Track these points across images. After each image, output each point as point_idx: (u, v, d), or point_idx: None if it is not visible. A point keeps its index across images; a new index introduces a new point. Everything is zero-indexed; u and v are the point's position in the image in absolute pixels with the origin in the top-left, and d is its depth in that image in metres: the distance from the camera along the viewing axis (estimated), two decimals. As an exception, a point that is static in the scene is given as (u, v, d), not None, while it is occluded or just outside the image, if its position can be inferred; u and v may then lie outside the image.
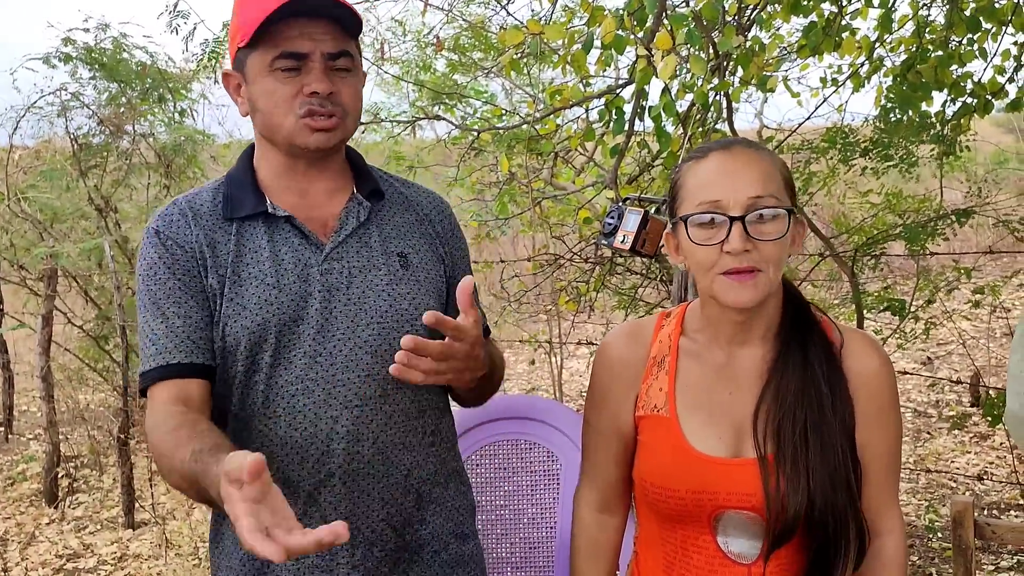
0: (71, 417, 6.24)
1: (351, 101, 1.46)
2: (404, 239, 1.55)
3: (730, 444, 1.36)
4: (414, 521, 1.51)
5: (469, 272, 1.64)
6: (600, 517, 1.54)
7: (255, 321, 1.42)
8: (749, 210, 1.30)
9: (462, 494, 1.63)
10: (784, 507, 1.29)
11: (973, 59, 3.63)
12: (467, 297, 1.30)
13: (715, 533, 1.36)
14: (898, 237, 3.42)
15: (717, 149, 1.38)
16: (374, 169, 1.62)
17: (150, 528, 4.71)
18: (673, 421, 1.39)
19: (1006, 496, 4.40)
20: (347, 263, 1.47)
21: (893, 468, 1.40)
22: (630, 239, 2.74)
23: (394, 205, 1.58)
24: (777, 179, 1.35)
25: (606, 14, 2.79)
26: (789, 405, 1.32)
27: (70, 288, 6.00)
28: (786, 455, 1.30)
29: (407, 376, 1.26)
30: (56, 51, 5.75)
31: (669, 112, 2.90)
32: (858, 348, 1.38)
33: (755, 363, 1.40)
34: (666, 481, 1.37)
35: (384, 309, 1.47)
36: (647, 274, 4.04)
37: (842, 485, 1.31)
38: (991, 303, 4.99)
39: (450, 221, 1.64)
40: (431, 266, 1.56)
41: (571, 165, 4.17)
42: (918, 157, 3.39)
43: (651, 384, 1.44)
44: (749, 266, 1.30)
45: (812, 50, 3.42)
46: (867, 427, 1.36)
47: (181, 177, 6.24)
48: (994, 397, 3.39)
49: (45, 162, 6.19)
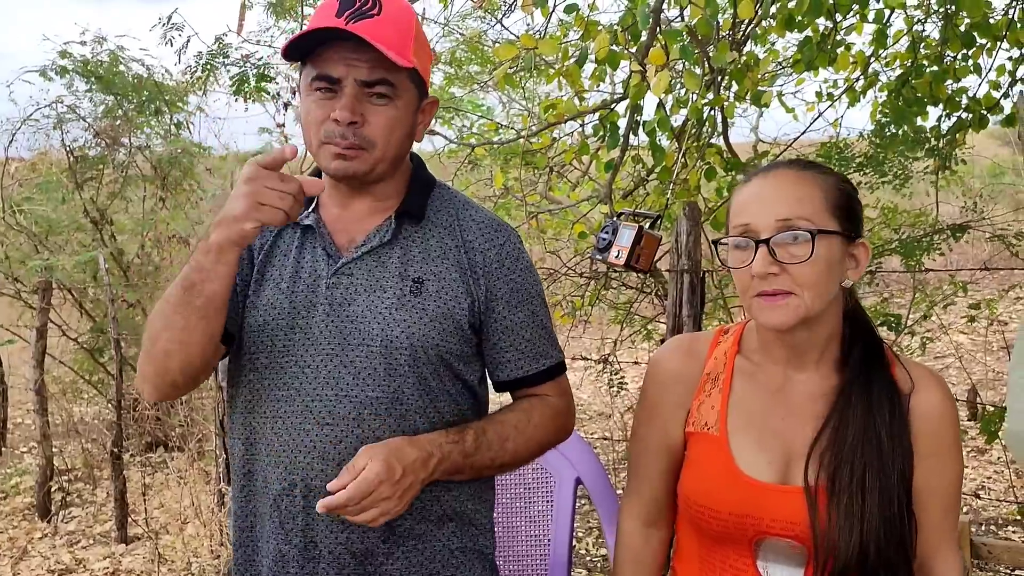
0: (65, 430, 6.21)
1: (381, 131, 1.42)
2: (429, 264, 1.48)
3: (779, 470, 1.34)
4: (378, 554, 1.46)
5: (518, 309, 1.51)
6: (645, 530, 1.54)
7: (259, 321, 1.48)
8: (776, 233, 1.30)
9: (466, 537, 1.53)
10: (835, 546, 1.27)
11: (968, 74, 3.64)
12: (349, 474, 1.32)
13: (755, 557, 1.35)
14: (894, 252, 3.41)
15: (759, 173, 1.38)
16: (443, 188, 1.57)
17: (143, 543, 4.68)
18: (723, 441, 1.38)
19: (1003, 512, 4.38)
20: (355, 280, 1.46)
21: (951, 508, 1.37)
22: (624, 254, 2.74)
23: (435, 228, 1.51)
24: (815, 200, 1.32)
25: (600, 29, 2.79)
26: (848, 449, 1.30)
27: (65, 301, 5.98)
28: (841, 496, 1.28)
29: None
30: (53, 64, 5.76)
31: (664, 127, 2.90)
32: (924, 389, 1.35)
33: (812, 391, 1.38)
34: (710, 501, 1.36)
35: (375, 332, 1.44)
36: (642, 288, 4.03)
37: (895, 533, 1.29)
38: (988, 317, 4.99)
39: (500, 253, 1.51)
40: (450, 297, 1.47)
41: (566, 179, 4.17)
42: (912, 173, 3.38)
43: (703, 401, 1.43)
44: (777, 289, 1.29)
45: (807, 65, 3.42)
46: (928, 468, 1.34)
47: (177, 190, 6.24)
48: (991, 413, 3.38)
49: (41, 174, 6.19)
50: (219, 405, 4.08)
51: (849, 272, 1.34)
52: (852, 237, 1.34)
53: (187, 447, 4.87)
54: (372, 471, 1.32)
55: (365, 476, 1.31)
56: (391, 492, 1.34)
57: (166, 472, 5.60)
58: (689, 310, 2.78)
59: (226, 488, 4.02)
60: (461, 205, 1.56)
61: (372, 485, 1.31)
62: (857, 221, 1.37)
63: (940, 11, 3.57)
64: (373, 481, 1.31)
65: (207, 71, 4.22)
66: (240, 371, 1.52)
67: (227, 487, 4.02)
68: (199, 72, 4.37)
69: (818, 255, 1.29)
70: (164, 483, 5.36)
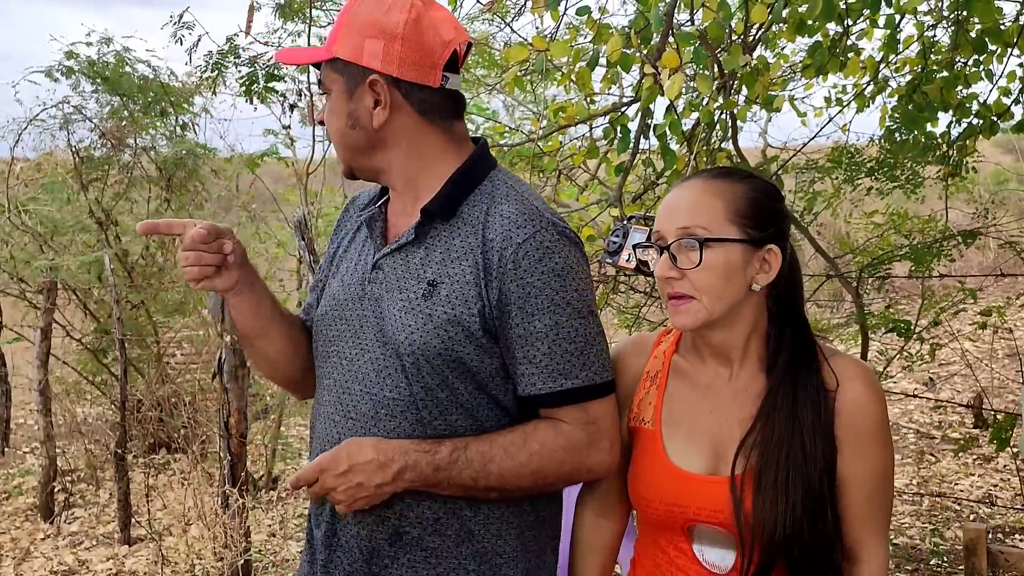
0: (68, 431, 6.20)
1: (328, 124, 1.49)
2: (447, 266, 1.39)
3: (707, 462, 1.41)
4: (383, 556, 1.44)
5: (536, 318, 1.36)
6: (596, 520, 1.59)
7: (322, 311, 1.54)
8: (676, 240, 1.37)
9: (485, 566, 1.43)
10: (760, 534, 1.34)
11: (979, 80, 3.62)
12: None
13: (691, 542, 1.43)
14: (904, 258, 3.40)
15: (679, 181, 1.49)
16: (496, 181, 1.46)
17: (146, 544, 4.67)
18: (657, 435, 1.45)
19: (1010, 520, 4.37)
20: (385, 276, 1.46)
21: (878, 498, 1.40)
22: (635, 258, 2.73)
23: (465, 226, 1.41)
24: (716, 209, 1.38)
25: (612, 32, 2.78)
26: (773, 447, 1.36)
27: (69, 301, 5.98)
28: (767, 490, 1.35)
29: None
30: (59, 64, 5.76)
31: (675, 131, 2.89)
32: (847, 382, 1.39)
33: (738, 389, 1.44)
34: (646, 492, 1.45)
35: (389, 333, 1.42)
36: (651, 293, 4.02)
37: (818, 525, 1.35)
38: (994, 324, 4.97)
39: (516, 252, 1.35)
40: (460, 301, 1.37)
41: (574, 182, 4.16)
42: (924, 178, 3.37)
43: (643, 397, 1.50)
44: (677, 292, 1.38)
45: (817, 70, 3.41)
46: (849, 456, 1.38)
47: (182, 191, 6.24)
48: (1001, 421, 3.36)
49: (46, 175, 6.19)
50: (223, 407, 4.07)
51: (759, 276, 1.39)
52: (760, 242, 1.39)
53: (190, 449, 4.85)
54: (318, 459, 1.38)
55: (313, 462, 1.38)
56: (334, 483, 1.37)
57: (169, 474, 5.59)
58: (700, 314, 2.76)
59: (231, 490, 4.00)
60: (497, 199, 1.42)
61: (315, 472, 1.37)
62: (769, 227, 1.41)
63: (951, 17, 3.55)
64: (315, 469, 1.37)
65: (217, 71, 4.21)
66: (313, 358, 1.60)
67: (231, 489, 4.00)
68: (208, 72, 4.36)
69: (710, 261, 1.36)
70: (167, 485, 5.35)
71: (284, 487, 5.54)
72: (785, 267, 1.41)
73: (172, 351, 6.46)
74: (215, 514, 4.12)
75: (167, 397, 5.84)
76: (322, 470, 1.37)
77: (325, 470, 1.37)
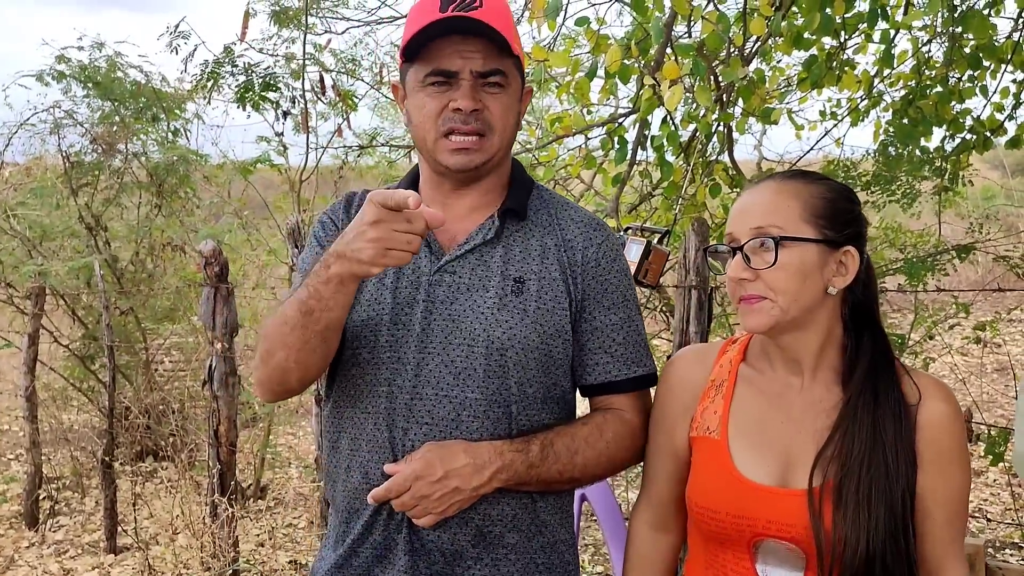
0: (54, 438, 6.13)
1: (499, 118, 1.45)
2: (530, 263, 1.48)
3: (777, 473, 1.36)
4: (467, 557, 1.45)
5: (612, 311, 1.50)
6: (653, 534, 1.56)
7: (361, 317, 1.48)
8: (750, 240, 1.35)
9: (554, 554, 1.51)
10: (840, 552, 1.28)
11: (973, 96, 3.65)
12: (390, 472, 1.39)
13: (754, 560, 1.37)
14: (898, 271, 3.41)
15: (749, 185, 1.45)
16: (540, 189, 1.58)
17: (132, 553, 4.61)
18: (723, 444, 1.41)
19: (1001, 534, 4.37)
20: (458, 279, 1.46)
21: (955, 518, 1.36)
22: (632, 269, 2.72)
23: (536, 227, 1.52)
24: (791, 209, 1.35)
25: (611, 43, 2.78)
26: (855, 461, 1.32)
27: (57, 307, 5.93)
28: (848, 505, 1.30)
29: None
30: (50, 68, 5.72)
31: (672, 142, 2.89)
32: (930, 399, 1.36)
33: (812, 400, 1.39)
34: (709, 502, 1.39)
35: (477, 332, 1.43)
36: (647, 304, 4.02)
37: (900, 544, 1.30)
38: (983, 339, 5.00)
39: (598, 251, 1.51)
40: (551, 296, 1.47)
41: (570, 193, 4.15)
42: (919, 192, 3.39)
43: (707, 406, 1.46)
44: (750, 294, 1.35)
45: (813, 83, 3.43)
46: (930, 476, 1.34)
47: (173, 197, 6.20)
48: (995, 436, 3.37)
49: (36, 179, 6.14)
50: (212, 415, 4.03)
51: (835, 279, 1.36)
52: (836, 244, 1.36)
53: (179, 457, 4.81)
54: (410, 467, 1.35)
55: (403, 471, 1.36)
56: (429, 491, 1.35)
57: (157, 482, 5.54)
58: (697, 326, 2.76)
59: (219, 499, 3.96)
60: (560, 204, 1.57)
61: (408, 480, 1.35)
62: (847, 228, 1.38)
63: (946, 32, 3.58)
64: (409, 477, 1.35)
65: (212, 79, 4.19)
66: (342, 365, 1.51)
67: (220, 498, 3.97)
68: (204, 80, 4.34)
69: (785, 261, 1.33)
70: (155, 493, 5.30)
71: (273, 496, 5.50)
72: (862, 271, 1.38)
73: (161, 358, 6.41)
74: (203, 523, 4.08)
75: (155, 404, 5.79)
76: (417, 478, 1.35)
77: (420, 478, 1.35)
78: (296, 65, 4.80)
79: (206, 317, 3.91)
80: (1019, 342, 8.14)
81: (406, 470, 1.36)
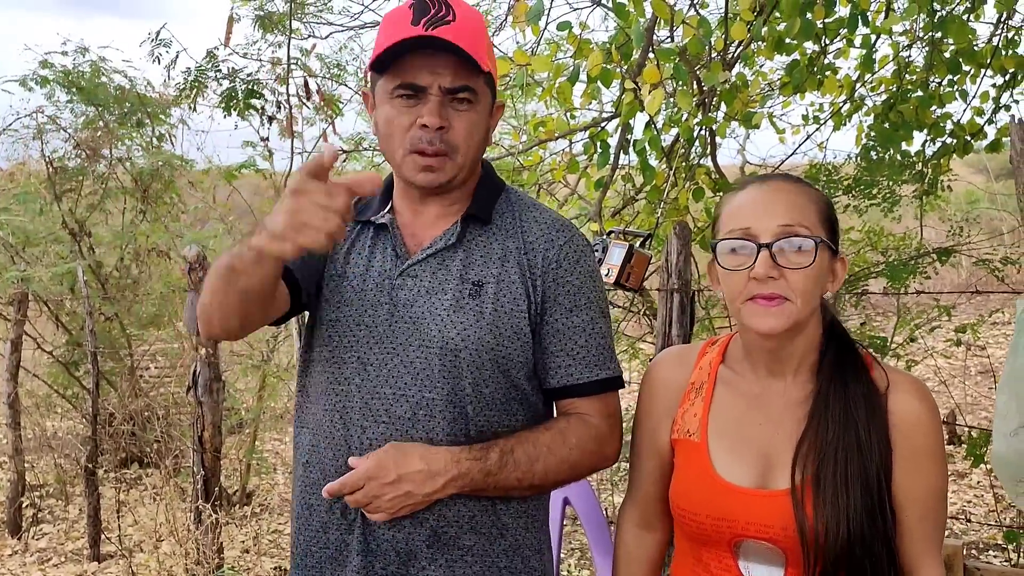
0: (37, 444, 6.10)
1: (463, 136, 1.45)
2: (490, 267, 1.48)
3: (755, 475, 1.37)
4: (421, 558, 1.45)
5: (574, 313, 1.49)
6: (639, 533, 1.57)
7: (331, 316, 1.51)
8: (778, 238, 1.32)
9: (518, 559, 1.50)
10: (823, 541, 1.29)
11: (953, 100, 3.68)
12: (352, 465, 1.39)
13: (736, 558, 1.38)
14: (880, 275, 3.43)
15: (755, 182, 1.42)
16: (510, 192, 1.58)
17: (116, 561, 4.59)
18: (703, 447, 1.41)
19: (984, 536, 4.39)
20: (419, 282, 1.48)
21: (932, 517, 1.36)
22: (615, 272, 2.73)
23: (499, 231, 1.52)
24: (812, 212, 1.35)
25: (593, 48, 2.79)
26: (828, 446, 1.33)
27: (40, 313, 5.89)
28: (826, 490, 1.31)
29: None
30: (33, 73, 5.70)
31: (654, 146, 2.90)
32: (903, 392, 1.36)
33: (788, 397, 1.40)
34: (691, 505, 1.40)
35: (433, 334, 1.45)
36: (630, 308, 4.02)
37: (879, 524, 1.31)
38: (965, 341, 5.03)
39: (559, 254, 1.49)
40: (509, 299, 1.47)
41: (554, 197, 4.16)
42: (900, 196, 3.41)
43: (687, 409, 1.46)
44: (774, 293, 1.31)
45: (795, 88, 3.45)
46: (905, 472, 1.34)
47: (158, 202, 6.18)
48: (976, 437, 3.39)
49: (19, 185, 6.10)
50: (197, 421, 4.02)
51: (829, 284, 1.37)
52: (835, 251, 1.38)
53: (163, 463, 4.78)
54: (363, 467, 1.37)
55: (359, 468, 1.37)
56: (380, 492, 1.36)
57: (141, 489, 5.51)
58: (679, 329, 2.77)
59: (203, 505, 3.95)
60: (526, 207, 1.56)
61: (359, 479, 1.36)
62: (838, 236, 1.41)
63: (926, 37, 3.61)
64: (360, 476, 1.36)
65: (196, 86, 4.18)
66: (311, 362, 1.55)
67: (204, 504, 3.95)
68: (187, 89, 4.33)
69: (815, 263, 1.32)
70: (139, 500, 5.27)
71: (258, 502, 5.48)
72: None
73: (146, 364, 6.38)
74: (187, 530, 4.06)
75: (140, 411, 5.75)
76: (369, 478, 1.36)
77: (373, 478, 1.36)
78: (281, 70, 4.81)
79: (191, 323, 3.90)
80: (1002, 345, 8.19)
81: (361, 468, 1.37)
